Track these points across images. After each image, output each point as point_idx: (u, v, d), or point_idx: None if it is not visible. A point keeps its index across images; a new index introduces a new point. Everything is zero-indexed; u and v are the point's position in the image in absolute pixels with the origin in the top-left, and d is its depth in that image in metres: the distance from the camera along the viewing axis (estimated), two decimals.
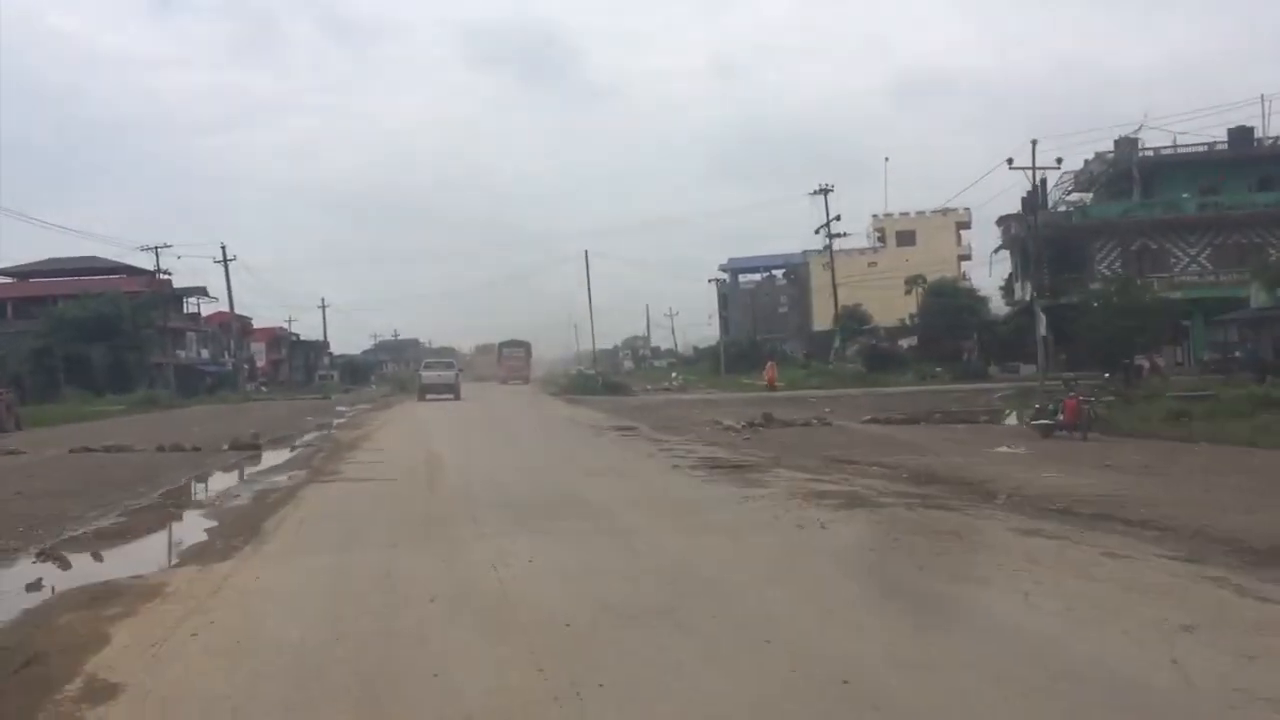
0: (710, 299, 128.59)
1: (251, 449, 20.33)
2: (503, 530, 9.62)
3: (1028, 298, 44.55)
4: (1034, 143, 37.18)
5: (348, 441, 22.05)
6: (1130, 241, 43.65)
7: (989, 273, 53.85)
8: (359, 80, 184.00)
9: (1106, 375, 29.55)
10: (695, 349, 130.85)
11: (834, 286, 53.82)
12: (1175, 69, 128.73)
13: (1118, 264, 43.45)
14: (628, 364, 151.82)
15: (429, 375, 49.77)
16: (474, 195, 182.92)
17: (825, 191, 52.41)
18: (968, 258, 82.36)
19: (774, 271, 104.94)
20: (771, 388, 46.88)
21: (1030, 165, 37.78)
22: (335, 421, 31.81)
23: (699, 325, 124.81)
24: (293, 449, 21.20)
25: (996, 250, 53.12)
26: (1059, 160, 39.62)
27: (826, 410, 30.97)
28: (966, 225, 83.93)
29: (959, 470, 14.49)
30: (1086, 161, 43.72)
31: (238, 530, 10.03)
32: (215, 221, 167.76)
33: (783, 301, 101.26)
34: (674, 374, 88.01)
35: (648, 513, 10.65)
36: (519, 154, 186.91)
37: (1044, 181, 45.80)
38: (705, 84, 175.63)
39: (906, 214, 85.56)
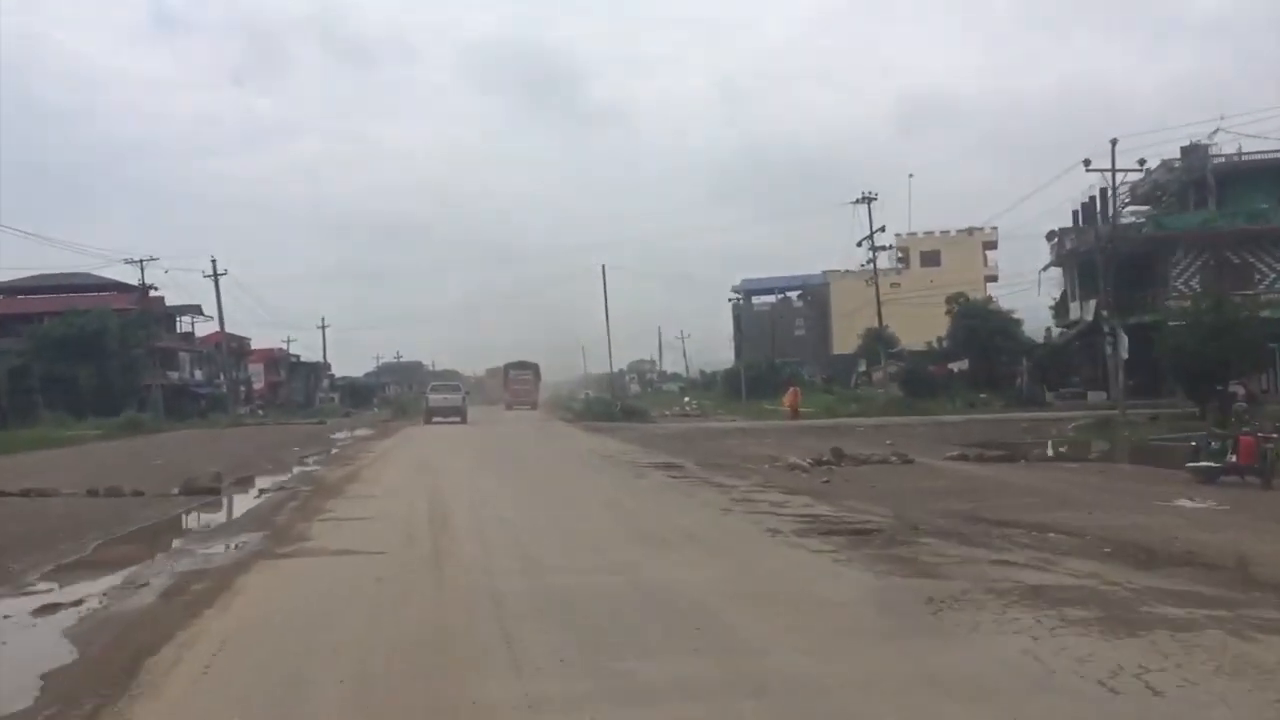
0: (716, 322, 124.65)
1: (208, 493, 16.03)
2: (569, 688, 5.29)
3: (1089, 317, 40.26)
4: (1113, 142, 33.00)
5: (334, 483, 17.71)
6: (1209, 255, 39.34)
7: (1037, 291, 49.39)
8: (363, 103, 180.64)
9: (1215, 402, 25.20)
10: (702, 372, 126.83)
11: (878, 304, 49.69)
12: (1221, 80, 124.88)
13: (1195, 280, 39.14)
14: (634, 388, 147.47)
15: (435, 398, 49.12)
16: (478, 217, 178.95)
17: (868, 201, 48.11)
18: (995, 278, 78.19)
19: (789, 293, 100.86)
20: (794, 415, 42.61)
21: (1109, 168, 33.53)
22: (326, 452, 27.56)
23: (705, 349, 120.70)
24: (262, 493, 16.89)
25: (1045, 267, 48.87)
26: (1141, 162, 35.42)
27: (888, 442, 26.82)
28: (993, 245, 79.84)
29: (1172, 540, 10.20)
30: (1149, 171, 39.51)
31: (95, 677, 5.70)
32: (216, 243, 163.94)
33: (799, 324, 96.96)
34: (686, 399, 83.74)
35: (803, 640, 6.28)
36: (523, 177, 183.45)
37: (1101, 192, 41.66)
38: (709, 108, 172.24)
39: (931, 233, 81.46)
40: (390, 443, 30.43)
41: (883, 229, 47.95)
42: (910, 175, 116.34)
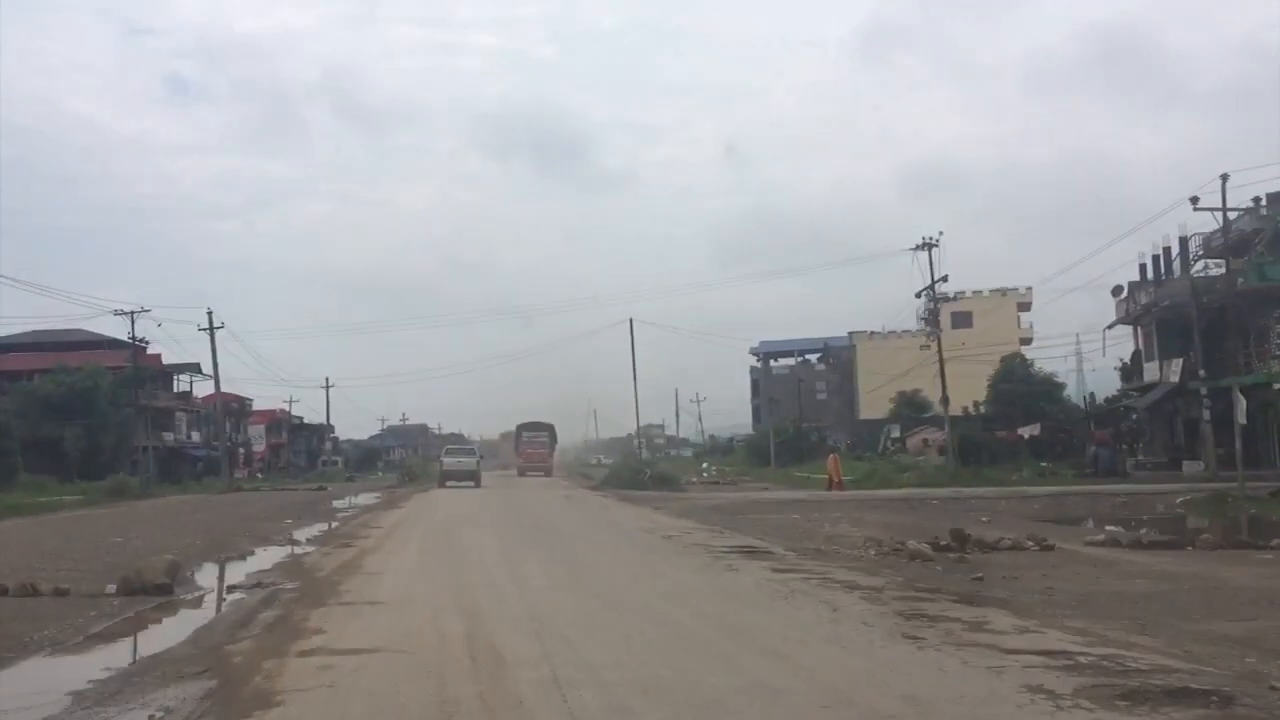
0: (726, 386, 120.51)
1: (155, 592, 11.62)
2: None
3: (1174, 378, 35.91)
4: (1224, 178, 28.98)
5: (328, 575, 13.26)
6: None
7: (1102, 352, 45.14)
8: (373, 167, 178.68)
9: None
10: (713, 438, 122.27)
11: (940, 363, 45.01)
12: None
13: None
14: (644, 453, 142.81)
15: (450, 461, 49.02)
16: (486, 282, 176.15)
17: (929, 247, 43.87)
18: (1029, 340, 73.98)
19: (808, 356, 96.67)
20: (836, 486, 38.02)
21: (1219, 207, 29.44)
22: (321, 527, 23.09)
23: (717, 413, 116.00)
24: (229, 592, 12.46)
25: (1111, 325, 44.60)
26: (1258, 200, 31.34)
27: (984, 519, 22.57)
28: (1027, 306, 75.74)
29: None
30: (1228, 220, 35.48)
31: None
32: (221, 304, 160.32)
33: (820, 388, 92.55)
34: (704, 465, 79.06)
35: None
36: (532, 241, 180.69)
37: (1181, 241, 37.59)
38: (716, 173, 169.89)
39: (962, 293, 77.30)
40: (399, 515, 25.91)
41: (945, 278, 43.49)
42: (940, 233, 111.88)
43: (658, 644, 8.22)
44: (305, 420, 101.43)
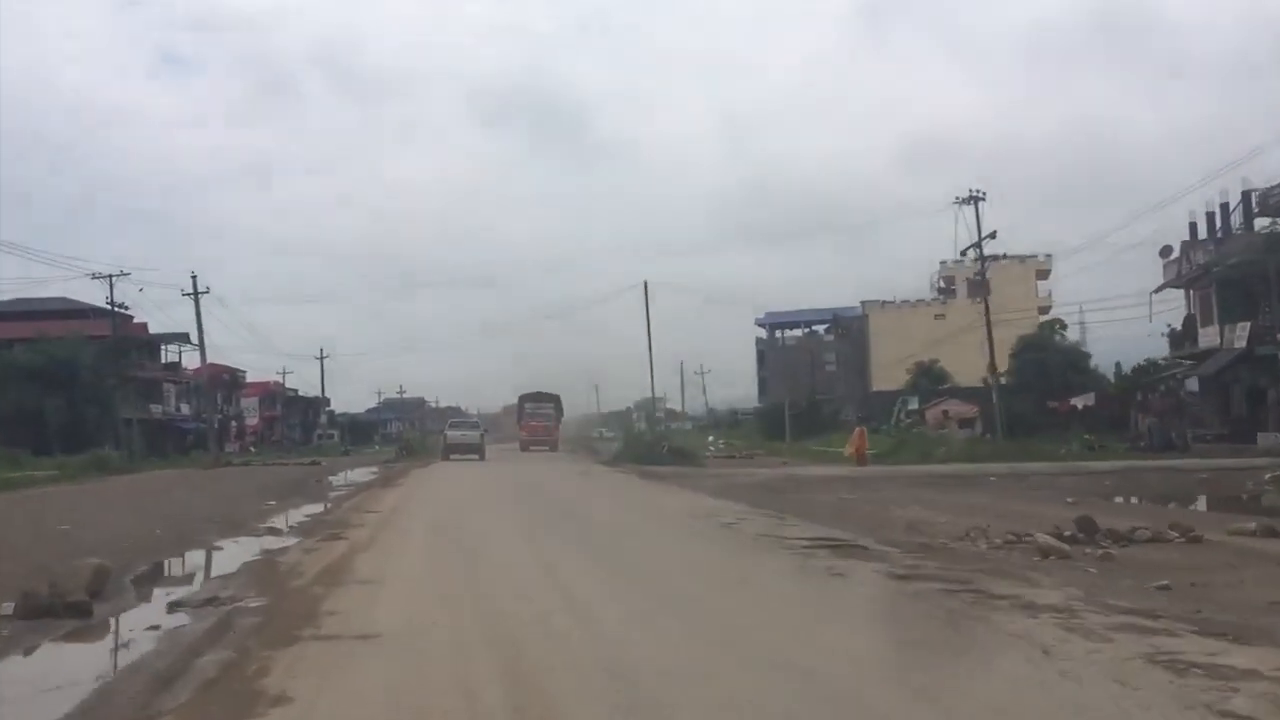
0: (726, 359, 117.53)
1: (69, 614, 8.32)
2: None
3: (1240, 344, 32.65)
4: None
5: (304, 587, 9.88)
6: None
7: (1149, 317, 41.78)
8: (365, 137, 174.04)
9: None
10: (711, 410, 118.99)
11: (988, 325, 41.58)
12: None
13: None
14: (641, 426, 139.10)
15: (454, 435, 48.14)
16: (484, 253, 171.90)
17: (975, 200, 40.27)
18: (1048, 309, 70.76)
19: (815, 327, 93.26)
20: (859, 461, 34.92)
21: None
22: (308, 511, 19.74)
23: (719, 386, 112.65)
24: (171, 611, 9.08)
25: (1159, 289, 41.24)
26: None
27: (1070, 500, 19.47)
28: (1046, 274, 72.48)
29: None
30: None
31: None
32: (217, 278, 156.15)
33: (829, 359, 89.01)
34: (710, 438, 75.79)
35: None
36: (528, 212, 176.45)
37: (1245, 196, 34.24)
38: (713, 145, 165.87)
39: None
40: (399, 495, 22.54)
41: (994, 234, 39.74)
42: (957, 198, 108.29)
43: None
44: (300, 393, 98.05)
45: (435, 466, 37.97)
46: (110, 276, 47.60)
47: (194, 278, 48.77)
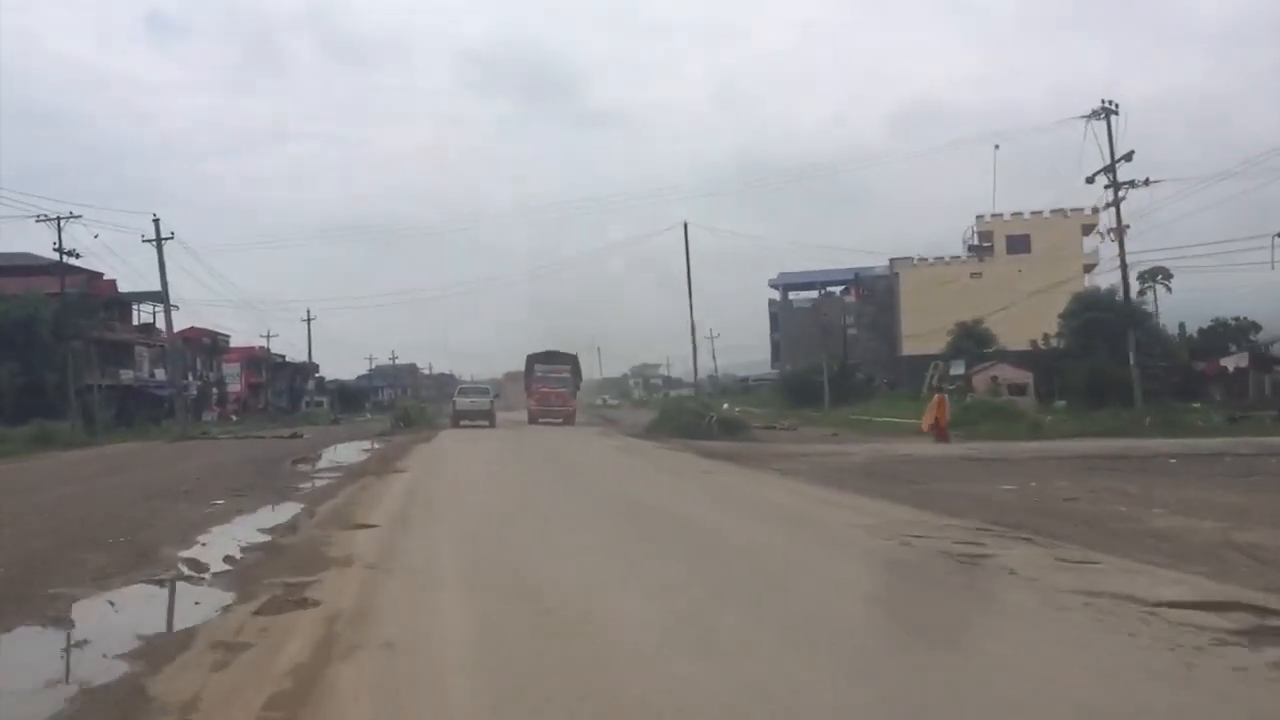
0: (732, 324, 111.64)
1: None
2: None
3: None
4: None
5: None
6: None
7: (1271, 265, 35.36)
8: (356, 104, 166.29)
9: None
10: (712, 377, 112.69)
11: (1122, 262, 34.79)
12: None
13: None
14: (637, 393, 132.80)
15: (464, 401, 45.65)
16: (476, 220, 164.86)
17: (1108, 113, 33.04)
18: (1094, 266, 64.28)
19: (831, 288, 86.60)
20: (939, 436, 27.99)
21: None
22: (266, 522, 12.95)
23: (726, 350, 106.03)
24: None
25: None
26: None
27: None
28: (1091, 227, 65.71)
29: None
30: None
31: None
32: (205, 244, 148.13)
33: (850, 322, 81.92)
34: (724, 406, 69.22)
35: None
36: (520, 179, 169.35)
37: None
38: (707, 111, 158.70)
39: (1019, 214, 67.34)
40: (402, 489, 15.74)
41: (1129, 156, 32.56)
42: (996, 146, 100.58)
43: None
44: (288, 359, 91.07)
45: (440, 440, 31.28)
46: (58, 219, 40.26)
47: (156, 221, 41.57)
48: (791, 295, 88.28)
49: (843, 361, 59.08)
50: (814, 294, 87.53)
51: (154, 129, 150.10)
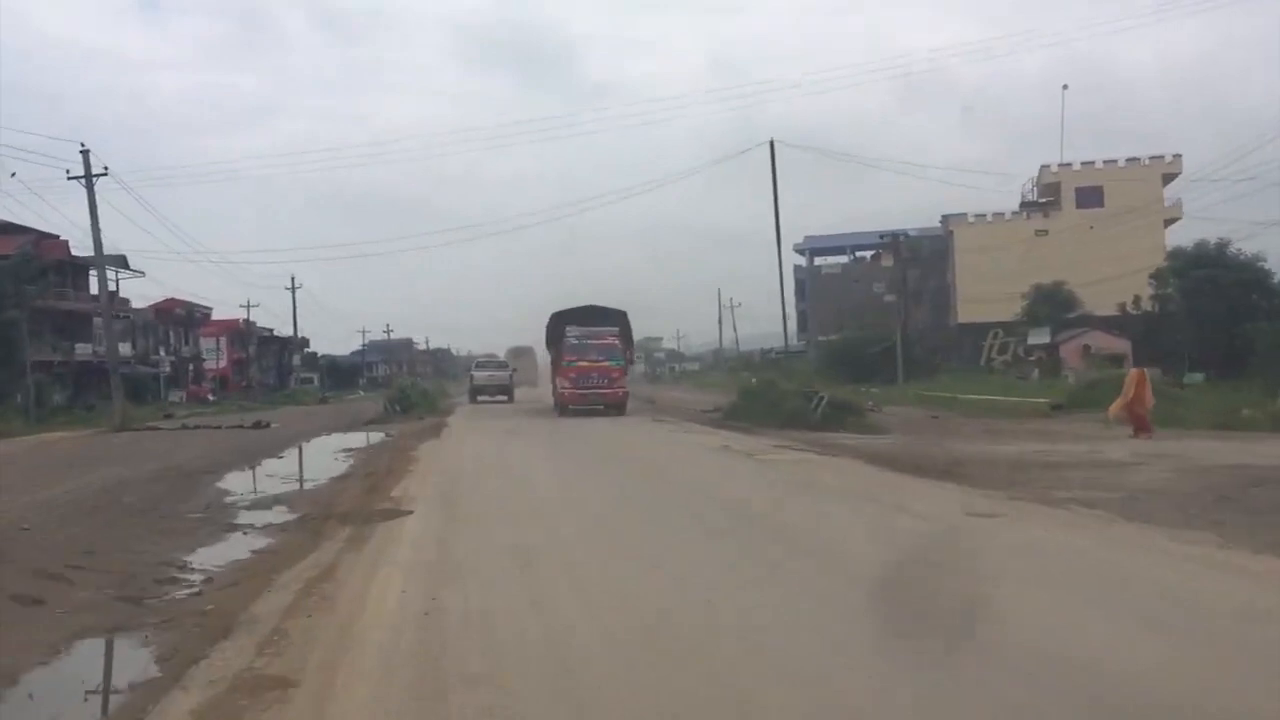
0: (744, 295, 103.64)
1: None
2: None
3: None
4: None
5: None
6: None
7: None
8: (352, 80, 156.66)
9: None
10: (720, 349, 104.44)
11: None
12: None
13: None
14: (640, 368, 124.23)
15: (481, 375, 43.84)
16: (470, 194, 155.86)
17: None
18: (1176, 219, 55.72)
19: (860, 253, 77.63)
20: (1138, 428, 18.90)
21: None
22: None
23: (742, 320, 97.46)
24: None
25: None
26: None
27: None
28: (1173, 176, 57.05)
29: None
30: None
31: None
32: (201, 219, 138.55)
33: (880, 288, 72.50)
34: (753, 380, 60.57)
35: None
36: (514, 153, 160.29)
37: None
38: (702, 83, 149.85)
39: (1091, 164, 58.48)
40: (422, 569, 7.02)
41: None
42: (1065, 86, 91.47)
43: None
44: (276, 333, 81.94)
45: (455, 436, 22.37)
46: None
47: (85, 153, 32.03)
48: (818, 261, 79.33)
49: (903, 330, 50.28)
50: (843, 259, 78.71)
51: (141, 105, 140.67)
